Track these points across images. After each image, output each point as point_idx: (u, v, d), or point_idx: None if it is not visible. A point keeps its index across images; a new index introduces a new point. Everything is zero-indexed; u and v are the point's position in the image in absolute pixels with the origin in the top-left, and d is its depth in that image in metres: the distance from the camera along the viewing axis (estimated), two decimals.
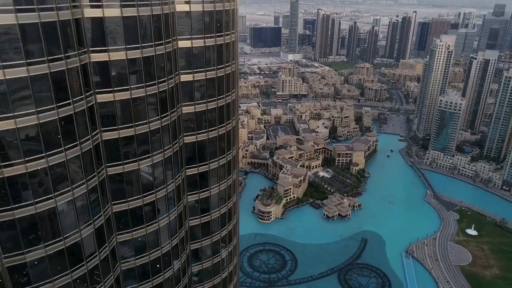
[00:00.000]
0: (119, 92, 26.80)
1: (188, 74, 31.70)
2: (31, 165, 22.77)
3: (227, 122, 35.55)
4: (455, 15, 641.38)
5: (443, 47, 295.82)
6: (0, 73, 20.05)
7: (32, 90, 21.66)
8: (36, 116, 22.04)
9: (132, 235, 30.73)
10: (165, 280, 33.41)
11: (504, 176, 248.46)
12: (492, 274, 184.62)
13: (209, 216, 37.07)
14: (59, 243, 25.19)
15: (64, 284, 25.74)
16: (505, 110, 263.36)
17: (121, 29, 25.43)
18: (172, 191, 32.25)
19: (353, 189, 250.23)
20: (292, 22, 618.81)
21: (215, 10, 31.11)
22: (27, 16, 20.30)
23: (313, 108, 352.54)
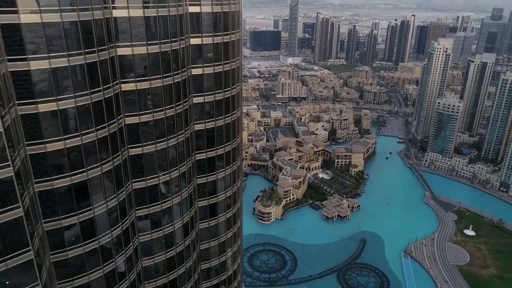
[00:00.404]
0: (140, 82, 30.87)
1: (197, 69, 35.81)
2: (69, 142, 26.65)
3: (233, 112, 39.62)
4: (453, 19, 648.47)
5: (441, 50, 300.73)
6: (47, 62, 23.99)
7: (71, 77, 25.59)
8: (74, 100, 26.00)
9: (149, 210, 34.72)
10: (177, 253, 37.40)
11: (502, 177, 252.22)
12: (490, 274, 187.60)
13: (216, 198, 41.18)
14: (89, 212, 29.02)
15: (91, 249, 29.58)
16: (503, 112, 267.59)
17: (143, 27, 29.46)
18: (184, 172, 36.23)
19: (352, 190, 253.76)
20: (292, 26, 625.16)
21: (222, 11, 35.22)
22: (69, 15, 24.25)
23: (312, 111, 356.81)
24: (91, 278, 30.00)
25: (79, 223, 28.10)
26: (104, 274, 30.76)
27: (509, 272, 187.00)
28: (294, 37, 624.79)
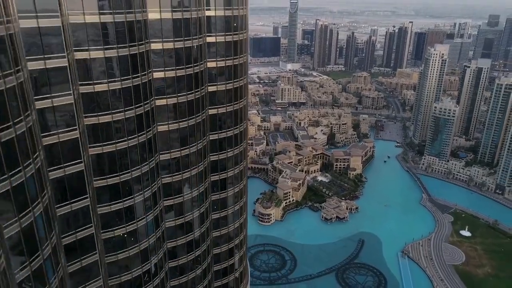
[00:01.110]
0: (168, 71, 37.98)
1: (212, 62, 42.99)
2: (116, 116, 33.62)
3: (240, 100, 46.76)
4: (451, 26, 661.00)
5: (437, 56, 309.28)
6: (102, 53, 31.19)
7: (119, 65, 32.64)
8: (120, 83, 33.05)
9: (172, 178, 41.60)
10: (194, 218, 44.27)
11: (497, 180, 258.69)
12: (485, 273, 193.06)
13: (225, 174, 48.18)
14: (127, 174, 35.90)
15: (128, 205, 36.56)
16: (498, 117, 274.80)
17: (171, 27, 36.61)
18: (201, 149, 43.27)
19: (350, 192, 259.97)
20: (291, 32, 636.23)
21: (233, 15, 42.48)
22: (119, 16, 31.45)
23: (311, 116, 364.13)
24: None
25: (120, 183, 35.51)
26: (135, 203, 38.16)
27: (504, 271, 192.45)
28: (294, 43, 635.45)
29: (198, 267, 46.30)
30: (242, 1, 44.22)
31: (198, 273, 46.25)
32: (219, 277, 51.41)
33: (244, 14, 44.56)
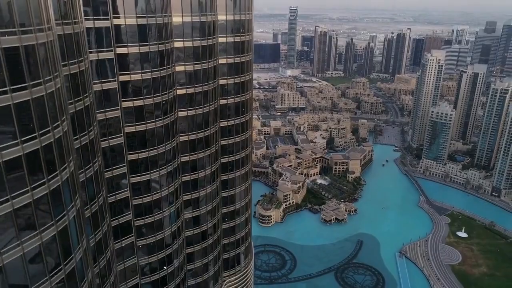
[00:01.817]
0: (188, 66, 45.09)
1: (223, 59, 50.19)
2: (147, 100, 40.78)
3: (246, 93, 53.90)
4: (448, 32, 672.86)
5: (434, 61, 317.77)
6: (137, 49, 38.43)
7: (150, 59, 39.93)
8: (150, 73, 40.29)
9: (189, 157, 48.46)
10: (207, 194, 51.23)
11: (494, 183, 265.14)
12: (481, 272, 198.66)
13: (233, 157, 55.15)
14: (154, 150, 42.93)
15: (157, 176, 43.75)
16: (493, 121, 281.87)
17: (191, 28, 43.88)
18: (214, 133, 50.33)
19: (349, 195, 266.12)
20: (291, 39, 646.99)
21: (240, 19, 49.76)
22: (151, 19, 38.66)
23: (311, 120, 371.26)
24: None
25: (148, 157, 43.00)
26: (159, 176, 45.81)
27: (499, 271, 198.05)
28: (293, 49, 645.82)
29: (210, 238, 53.28)
30: (247, 8, 51.57)
31: (209, 243, 53.21)
32: (227, 250, 58.29)
33: (249, 19, 51.90)
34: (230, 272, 59.74)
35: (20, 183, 19.25)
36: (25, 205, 19.27)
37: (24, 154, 18.78)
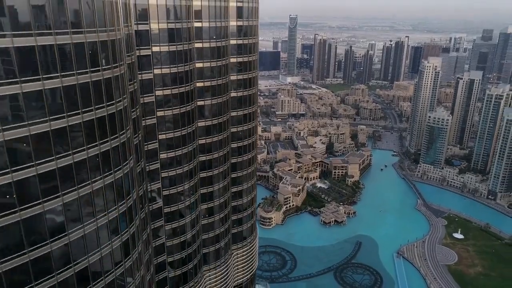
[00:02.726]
0: (206, 63, 54.10)
1: (233, 58, 59.31)
2: (174, 90, 49.85)
3: (251, 88, 63.06)
4: (446, 40, 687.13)
5: (431, 68, 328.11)
6: (158, 48, 47.56)
7: (176, 56, 49.09)
8: (176, 68, 49.23)
9: (205, 141, 57.20)
10: (219, 173, 60.43)
11: (489, 186, 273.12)
12: (476, 272, 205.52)
13: (242, 143, 64.37)
14: (178, 133, 51.81)
15: (180, 154, 52.54)
16: (489, 126, 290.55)
17: (208, 32, 53.15)
18: (225, 121, 59.34)
19: (348, 198, 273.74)
20: (291, 47, 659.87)
21: (249, 25, 58.91)
22: (172, 24, 47.68)
23: (311, 126, 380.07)
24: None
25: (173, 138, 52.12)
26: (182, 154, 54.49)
27: (494, 271, 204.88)
28: (293, 57, 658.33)
29: (221, 212, 61.88)
30: (253, 15, 60.78)
31: (221, 216, 61.68)
32: (235, 225, 66.69)
33: (256, 25, 61.12)
34: (237, 245, 68.33)
35: (101, 136, 27.77)
36: (104, 151, 27.79)
37: (107, 115, 27.36)
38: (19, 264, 23.70)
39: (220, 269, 63.51)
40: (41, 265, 24.87)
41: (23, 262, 23.87)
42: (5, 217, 22.93)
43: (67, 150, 25.16)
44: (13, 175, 22.85)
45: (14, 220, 23.13)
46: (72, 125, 25.14)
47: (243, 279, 70.46)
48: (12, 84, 22.03)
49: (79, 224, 26.78)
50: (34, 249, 24.55)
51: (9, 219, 22.97)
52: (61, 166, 24.76)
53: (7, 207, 22.98)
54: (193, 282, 56.80)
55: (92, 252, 27.94)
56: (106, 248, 28.93)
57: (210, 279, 61.88)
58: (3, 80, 21.72)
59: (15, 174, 22.90)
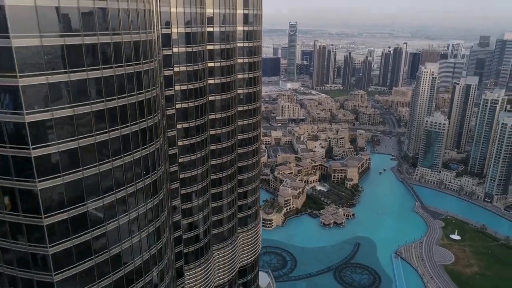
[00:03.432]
0: (216, 63, 61.98)
1: (240, 59, 67.02)
2: (189, 86, 57.42)
3: (257, 85, 70.61)
4: (444, 46, 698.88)
5: (428, 74, 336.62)
6: (184, 49, 55.12)
7: (192, 56, 56.59)
8: (192, 67, 56.75)
9: (215, 132, 64.71)
10: (227, 161, 67.53)
11: (486, 189, 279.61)
12: (472, 272, 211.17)
13: (247, 135, 71.91)
14: (193, 123, 59.36)
15: (194, 142, 60.04)
16: (485, 130, 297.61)
17: (219, 36, 60.81)
18: (233, 114, 66.87)
19: (347, 201, 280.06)
20: (291, 53, 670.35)
21: (253, 30, 66.58)
22: (194, 29, 55.49)
23: (310, 131, 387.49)
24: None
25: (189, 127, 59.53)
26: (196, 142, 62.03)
27: (490, 271, 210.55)
28: (293, 63, 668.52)
29: (229, 197, 69.24)
30: (257, 21, 68.43)
31: (229, 200, 68.68)
32: (241, 211, 73.68)
33: (260, 29, 68.88)
34: (243, 229, 75.29)
35: (140, 116, 35.03)
36: (142, 128, 35.07)
37: (145, 99, 34.60)
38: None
39: (228, 249, 70.50)
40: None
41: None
42: (85, 170, 30.52)
43: (116, 126, 32.31)
44: (79, 142, 30.01)
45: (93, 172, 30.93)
46: (121, 105, 32.26)
47: (248, 261, 77.29)
48: (81, 71, 29.32)
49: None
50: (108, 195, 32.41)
51: (89, 172, 30.56)
52: (112, 138, 31.98)
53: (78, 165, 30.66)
54: (203, 258, 63.74)
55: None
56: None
57: (219, 257, 68.84)
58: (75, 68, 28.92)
59: (81, 140, 30.08)
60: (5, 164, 28.46)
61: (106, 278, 33.53)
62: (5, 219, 29.92)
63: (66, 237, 31.01)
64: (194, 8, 53.45)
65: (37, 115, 27.74)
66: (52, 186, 29.46)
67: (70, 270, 31.65)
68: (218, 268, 68.71)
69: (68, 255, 31.02)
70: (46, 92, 27.58)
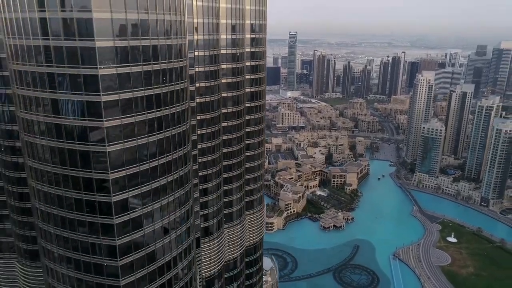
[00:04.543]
0: (228, 65, 73.24)
1: (247, 62, 78.46)
2: (207, 83, 68.41)
3: (261, 85, 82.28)
4: (442, 55, 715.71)
5: (425, 81, 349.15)
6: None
7: (209, 59, 67.88)
8: (209, 67, 68.07)
9: (227, 123, 75.94)
10: (237, 149, 78.67)
11: (482, 193, 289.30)
12: (468, 272, 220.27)
13: (254, 128, 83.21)
14: (209, 115, 70.41)
15: (210, 131, 70.88)
16: (481, 136, 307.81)
17: (230, 42, 72.36)
18: (242, 109, 78.10)
19: (347, 205, 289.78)
20: (290, 62, 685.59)
21: (259, 37, 78.26)
22: (211, 36, 66.89)
23: (310, 138, 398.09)
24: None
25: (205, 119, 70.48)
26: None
27: (485, 271, 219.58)
28: (293, 72, 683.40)
29: (240, 180, 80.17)
30: (262, 30, 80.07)
31: (238, 185, 79.62)
32: (248, 195, 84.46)
33: (264, 37, 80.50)
34: (249, 211, 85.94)
35: (176, 101, 46.17)
36: (178, 111, 46.30)
37: (180, 89, 46.15)
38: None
39: (237, 228, 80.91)
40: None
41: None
42: (138, 139, 42.24)
43: (160, 107, 43.32)
44: (135, 118, 40.94)
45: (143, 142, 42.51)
46: (164, 92, 43.26)
47: (253, 241, 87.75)
48: (137, 66, 40.65)
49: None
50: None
51: (141, 141, 42.01)
52: (158, 116, 43.01)
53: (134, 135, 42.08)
54: (217, 234, 74.18)
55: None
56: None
57: (229, 235, 79.19)
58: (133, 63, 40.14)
59: (137, 117, 41.17)
60: (84, 132, 39.53)
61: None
62: (79, 174, 40.72)
63: (124, 189, 41.49)
64: (212, 19, 64.71)
65: (109, 96, 38.62)
66: (117, 150, 40.15)
67: (127, 215, 42.43)
68: (228, 244, 79.12)
69: (126, 203, 41.92)
70: (115, 79, 38.49)
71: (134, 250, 43.86)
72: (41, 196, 45.17)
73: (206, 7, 63.48)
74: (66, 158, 41.14)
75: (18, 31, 40.56)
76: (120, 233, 42.29)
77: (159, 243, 46.15)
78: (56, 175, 42.53)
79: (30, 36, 39.76)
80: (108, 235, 42.32)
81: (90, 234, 42.93)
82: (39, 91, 41.01)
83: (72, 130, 40.11)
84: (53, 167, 42.53)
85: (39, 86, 40.78)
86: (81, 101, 39.10)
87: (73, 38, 37.54)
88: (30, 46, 40.29)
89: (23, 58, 41.22)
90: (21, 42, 40.91)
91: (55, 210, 44.14)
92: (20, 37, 40.66)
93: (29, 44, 40.28)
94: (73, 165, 41.10)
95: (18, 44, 41.21)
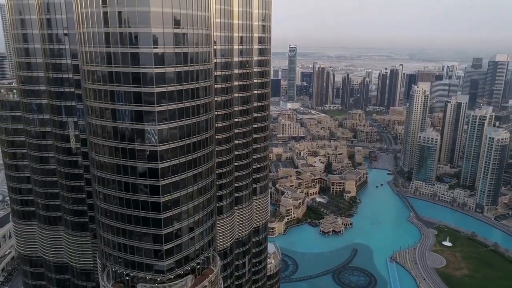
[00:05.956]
0: (240, 70, 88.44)
1: (255, 68, 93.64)
2: (223, 85, 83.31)
3: (266, 88, 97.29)
4: (439, 68, 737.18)
5: (420, 92, 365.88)
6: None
7: (225, 65, 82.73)
8: (225, 72, 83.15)
9: (238, 119, 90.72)
10: (246, 142, 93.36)
11: (477, 200, 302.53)
12: (462, 274, 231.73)
13: (260, 124, 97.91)
14: (224, 111, 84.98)
15: (225, 125, 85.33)
16: (475, 144, 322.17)
17: (242, 51, 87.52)
18: (250, 108, 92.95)
19: (346, 211, 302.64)
20: (291, 75, 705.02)
21: (265, 48, 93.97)
22: (227, 46, 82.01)
23: (310, 147, 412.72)
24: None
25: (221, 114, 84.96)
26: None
27: (479, 273, 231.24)
28: (293, 84, 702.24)
29: (249, 168, 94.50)
30: (267, 42, 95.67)
31: (247, 172, 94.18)
32: (255, 182, 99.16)
33: (269, 48, 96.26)
34: (256, 197, 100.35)
35: (204, 95, 61.22)
36: (205, 102, 61.19)
37: (207, 86, 60.90)
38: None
39: (246, 210, 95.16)
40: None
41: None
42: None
43: (197, 100, 58.61)
44: (184, 104, 56.52)
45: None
46: (198, 87, 58.40)
47: (259, 223, 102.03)
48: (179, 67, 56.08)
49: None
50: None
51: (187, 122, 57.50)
52: (198, 104, 58.43)
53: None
54: (230, 212, 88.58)
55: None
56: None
57: (239, 215, 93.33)
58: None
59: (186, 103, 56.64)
60: (140, 115, 54.50)
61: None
62: (135, 147, 55.48)
63: (169, 158, 55.93)
64: (228, 32, 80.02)
65: (161, 107, 53.60)
66: (165, 129, 54.71)
67: (171, 178, 57.25)
68: (238, 224, 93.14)
69: (169, 170, 56.69)
70: (165, 95, 54.02)
71: (173, 207, 58.06)
72: (101, 181, 59.39)
73: (223, 23, 79.13)
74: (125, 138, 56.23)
75: (89, 41, 55.55)
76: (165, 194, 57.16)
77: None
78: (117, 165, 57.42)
79: (97, 45, 54.74)
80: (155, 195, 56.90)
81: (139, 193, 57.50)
82: (101, 85, 55.85)
83: (125, 113, 55.04)
84: (110, 159, 57.60)
85: (101, 81, 55.64)
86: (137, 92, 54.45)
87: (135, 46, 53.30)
88: (97, 52, 55.21)
89: (91, 61, 56.13)
90: (91, 49, 55.87)
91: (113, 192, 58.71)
92: (90, 45, 55.65)
93: (96, 51, 55.21)
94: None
95: (89, 50, 56.18)
